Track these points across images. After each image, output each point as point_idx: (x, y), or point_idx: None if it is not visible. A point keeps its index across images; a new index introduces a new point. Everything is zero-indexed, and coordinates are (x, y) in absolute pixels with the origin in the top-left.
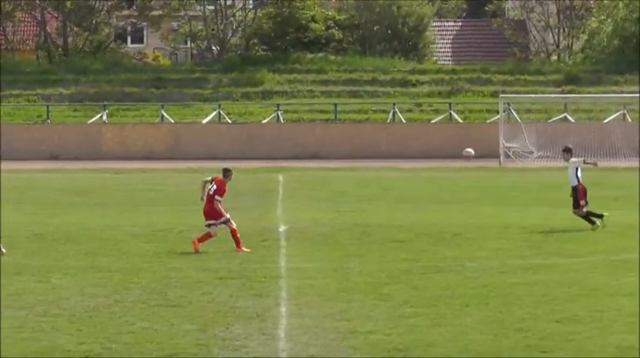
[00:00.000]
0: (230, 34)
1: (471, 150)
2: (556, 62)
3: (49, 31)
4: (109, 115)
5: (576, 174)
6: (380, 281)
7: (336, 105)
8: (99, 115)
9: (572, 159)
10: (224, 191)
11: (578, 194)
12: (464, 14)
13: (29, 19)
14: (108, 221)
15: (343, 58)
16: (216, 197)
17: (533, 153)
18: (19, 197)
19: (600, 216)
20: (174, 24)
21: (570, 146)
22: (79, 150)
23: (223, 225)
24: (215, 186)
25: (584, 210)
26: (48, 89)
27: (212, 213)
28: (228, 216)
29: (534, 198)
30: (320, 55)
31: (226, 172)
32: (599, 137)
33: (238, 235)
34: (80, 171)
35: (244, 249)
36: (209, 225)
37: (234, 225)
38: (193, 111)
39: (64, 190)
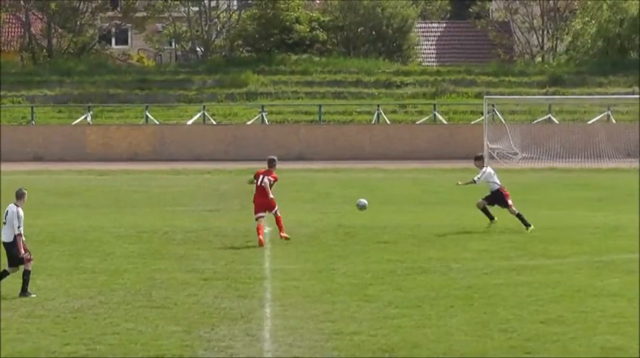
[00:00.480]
0: (214, 36)
1: (363, 201)
2: (540, 63)
3: (34, 32)
4: (94, 116)
5: (495, 179)
6: (364, 283)
7: (320, 106)
8: (83, 116)
9: (487, 170)
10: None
11: (504, 196)
12: (448, 15)
13: (13, 21)
14: (92, 222)
15: (327, 59)
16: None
17: (517, 154)
18: (3, 198)
19: (527, 225)
20: (159, 25)
21: (481, 154)
22: (64, 152)
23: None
24: (272, 179)
25: (514, 209)
26: (32, 90)
27: (268, 204)
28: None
29: (519, 200)
30: (304, 56)
31: (273, 162)
32: (583, 138)
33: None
34: (64, 172)
35: (285, 235)
36: (260, 217)
37: (279, 214)
38: (178, 113)
39: (48, 191)
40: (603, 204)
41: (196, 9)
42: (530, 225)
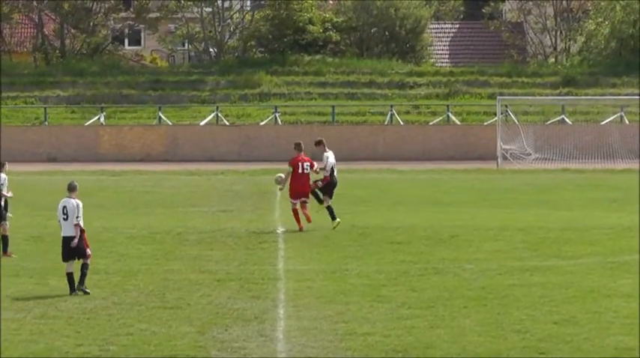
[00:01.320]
0: (227, 36)
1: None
2: (553, 64)
3: (47, 33)
4: (107, 117)
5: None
6: (378, 283)
7: (333, 107)
8: (96, 117)
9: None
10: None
11: (323, 181)
12: (461, 16)
13: (26, 21)
14: (105, 223)
15: (341, 60)
16: (315, 168)
17: (530, 155)
18: (17, 199)
19: (334, 218)
20: (172, 26)
21: (321, 138)
22: (77, 153)
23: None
24: (308, 163)
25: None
26: (45, 91)
27: (306, 192)
28: None
29: (532, 200)
30: (317, 57)
31: (299, 145)
32: (596, 139)
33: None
34: (77, 173)
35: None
36: (304, 202)
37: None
38: (191, 114)
39: (61, 192)
40: (617, 204)
41: (209, 10)
42: (336, 219)
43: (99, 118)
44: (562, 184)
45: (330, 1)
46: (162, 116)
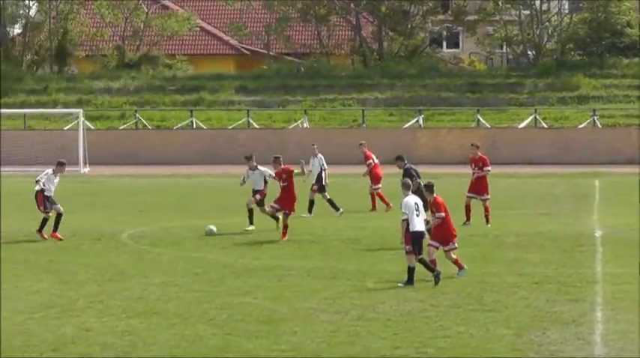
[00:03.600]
0: (545, 39)
1: (212, 228)
2: None
3: (364, 35)
4: (424, 120)
5: None
6: None
7: None
8: (414, 120)
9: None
10: None
11: None
12: None
13: (344, 24)
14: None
15: None
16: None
17: None
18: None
19: None
20: (490, 28)
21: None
22: (392, 155)
23: None
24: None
25: None
26: (363, 93)
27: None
28: None
29: None
30: (636, 60)
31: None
32: None
33: None
34: (390, 175)
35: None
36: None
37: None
38: (509, 116)
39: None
40: None
41: (527, 12)
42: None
43: (417, 121)
44: None
45: None
46: (481, 119)
